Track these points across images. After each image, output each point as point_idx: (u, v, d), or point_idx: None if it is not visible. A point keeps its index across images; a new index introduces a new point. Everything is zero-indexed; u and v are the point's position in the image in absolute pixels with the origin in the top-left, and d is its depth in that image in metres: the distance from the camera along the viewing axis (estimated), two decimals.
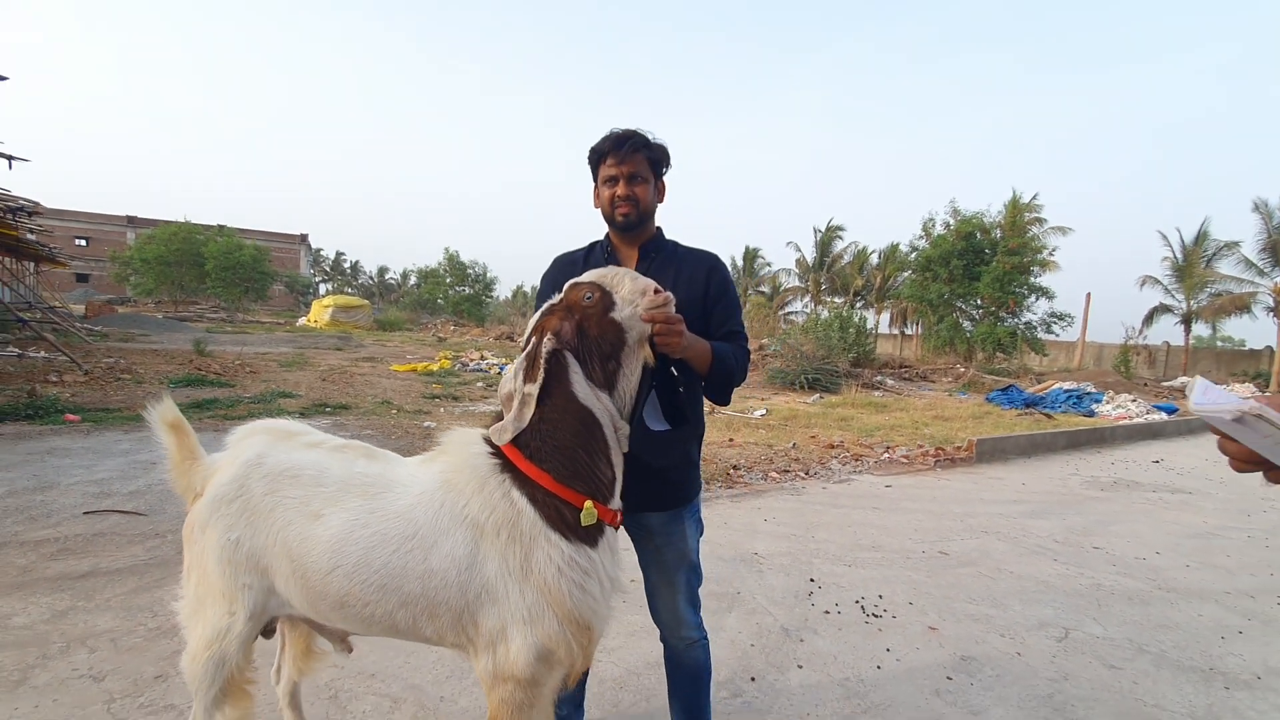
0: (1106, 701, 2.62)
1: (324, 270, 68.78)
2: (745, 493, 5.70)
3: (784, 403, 11.99)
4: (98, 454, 5.54)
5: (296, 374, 11.56)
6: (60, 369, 10.39)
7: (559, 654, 1.46)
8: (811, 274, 42.69)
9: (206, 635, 1.52)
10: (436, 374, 13.43)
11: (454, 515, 1.46)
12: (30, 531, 3.77)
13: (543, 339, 1.50)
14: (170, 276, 34.34)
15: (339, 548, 1.45)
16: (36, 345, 13.34)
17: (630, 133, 1.84)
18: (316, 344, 19.58)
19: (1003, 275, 22.05)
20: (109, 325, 21.20)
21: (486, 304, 38.84)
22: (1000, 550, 4.48)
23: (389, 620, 1.48)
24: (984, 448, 7.92)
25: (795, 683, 2.66)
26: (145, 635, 2.71)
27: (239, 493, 1.52)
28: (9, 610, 2.85)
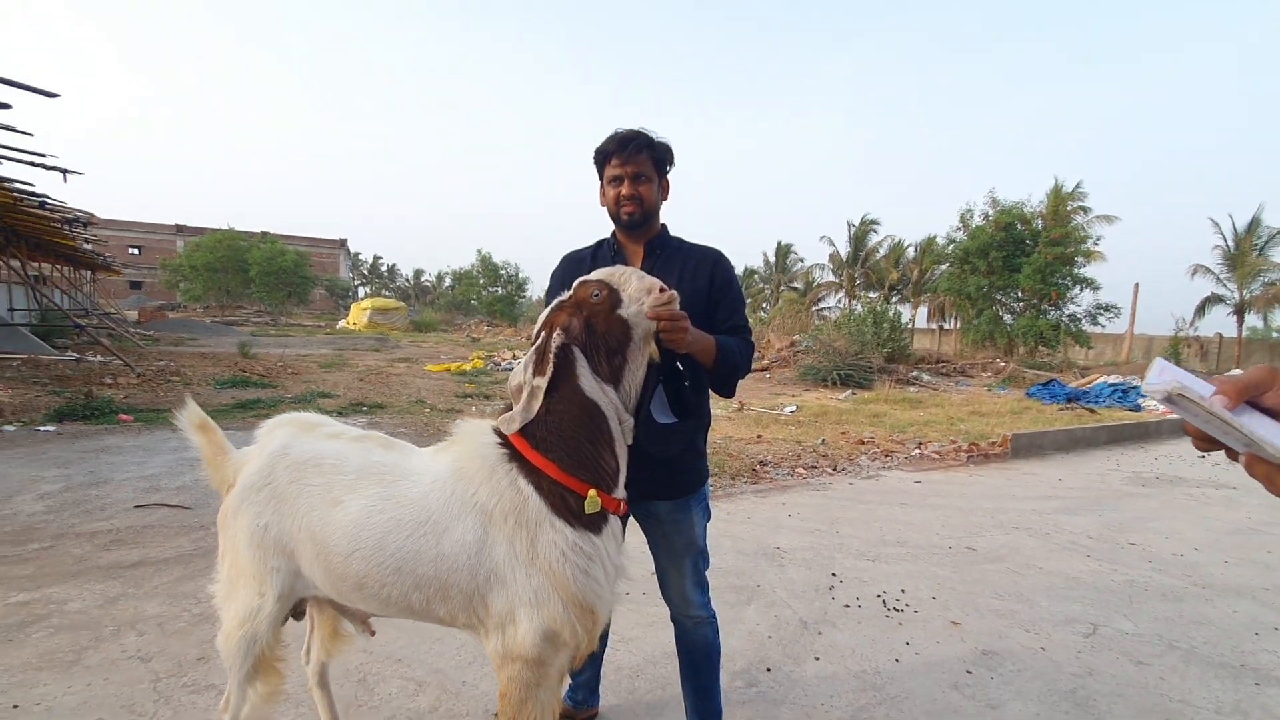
0: (1130, 697, 2.57)
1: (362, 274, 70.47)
2: (770, 488, 5.70)
3: (815, 399, 11.89)
4: (148, 451, 5.82)
5: (335, 375, 11.90)
6: (115, 372, 10.90)
7: (564, 635, 1.52)
8: (845, 269, 42.09)
9: (239, 615, 1.63)
10: (470, 373, 13.68)
11: (464, 502, 1.53)
12: (86, 524, 4.00)
13: (552, 334, 1.56)
14: (217, 282, 35.62)
15: (357, 532, 1.53)
16: (93, 350, 14.01)
17: (634, 133, 1.88)
18: (355, 345, 20.12)
19: (1044, 266, 21.42)
20: (160, 330, 22.11)
21: (519, 304, 39.30)
22: (1030, 546, 4.40)
23: (404, 601, 1.56)
24: (1019, 443, 7.75)
25: (811, 674, 2.68)
26: (189, 620, 2.87)
27: (266, 481, 1.62)
28: (65, 596, 3.05)
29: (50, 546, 3.63)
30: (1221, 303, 26.30)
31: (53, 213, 12.42)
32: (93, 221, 14.42)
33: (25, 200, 10.94)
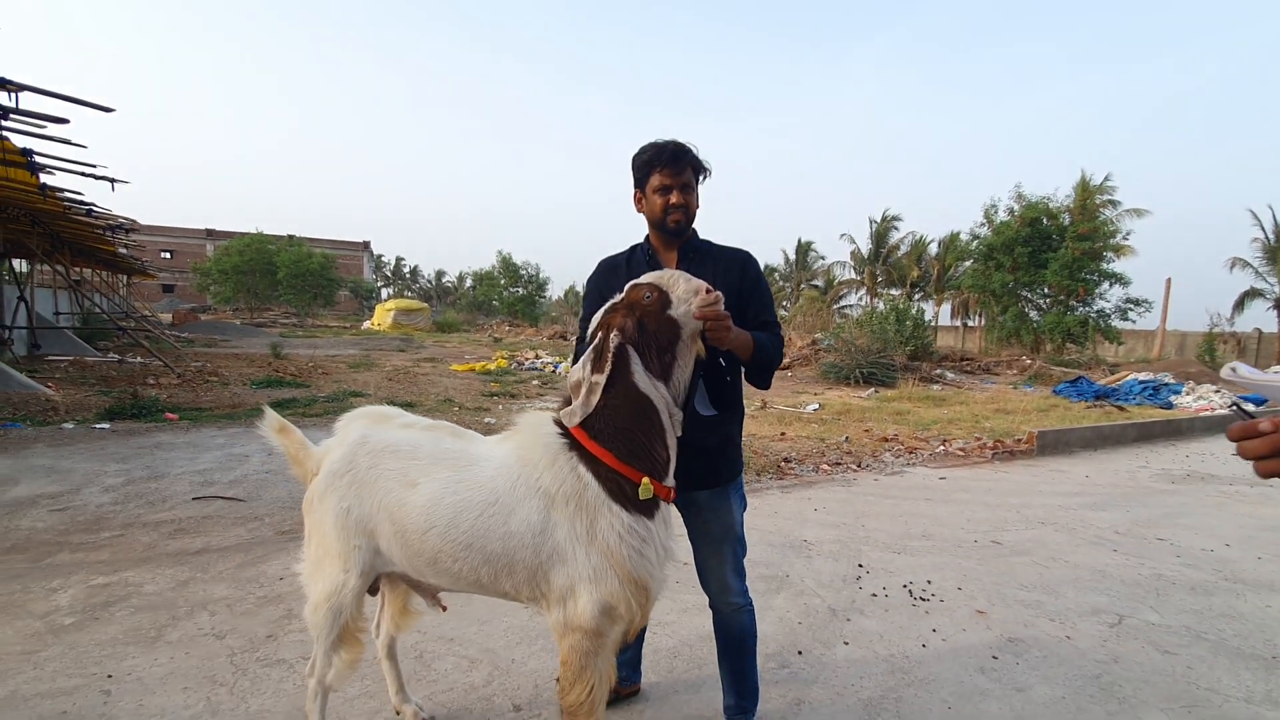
0: (1156, 684, 2.65)
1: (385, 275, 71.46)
2: (795, 484, 5.80)
3: (837, 397, 11.93)
4: (197, 448, 6.09)
5: (364, 374, 12.21)
6: (155, 373, 11.31)
7: (619, 610, 1.67)
8: (867, 266, 41.80)
9: (325, 590, 1.80)
10: (494, 373, 13.92)
11: (529, 486, 1.68)
12: (150, 514, 4.25)
13: (609, 334, 1.69)
14: (245, 285, 36.42)
15: (432, 511, 1.69)
16: (134, 351, 14.50)
17: (682, 147, 1.99)
18: (381, 346, 20.51)
19: (1072, 262, 21.10)
20: (194, 332, 22.73)
21: (539, 304, 39.63)
22: (1056, 540, 4.46)
23: (474, 575, 1.71)
24: (1045, 440, 7.75)
25: (840, 657, 2.80)
26: (255, 602, 3.07)
27: (348, 468, 1.78)
28: (140, 580, 3.27)
29: (121, 534, 3.88)
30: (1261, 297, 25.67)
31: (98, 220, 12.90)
32: (135, 228, 14.92)
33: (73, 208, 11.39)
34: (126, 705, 2.27)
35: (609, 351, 1.67)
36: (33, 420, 7.01)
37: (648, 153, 2.01)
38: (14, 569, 3.36)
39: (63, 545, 3.70)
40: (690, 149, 2.01)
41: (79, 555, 3.57)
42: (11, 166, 7.94)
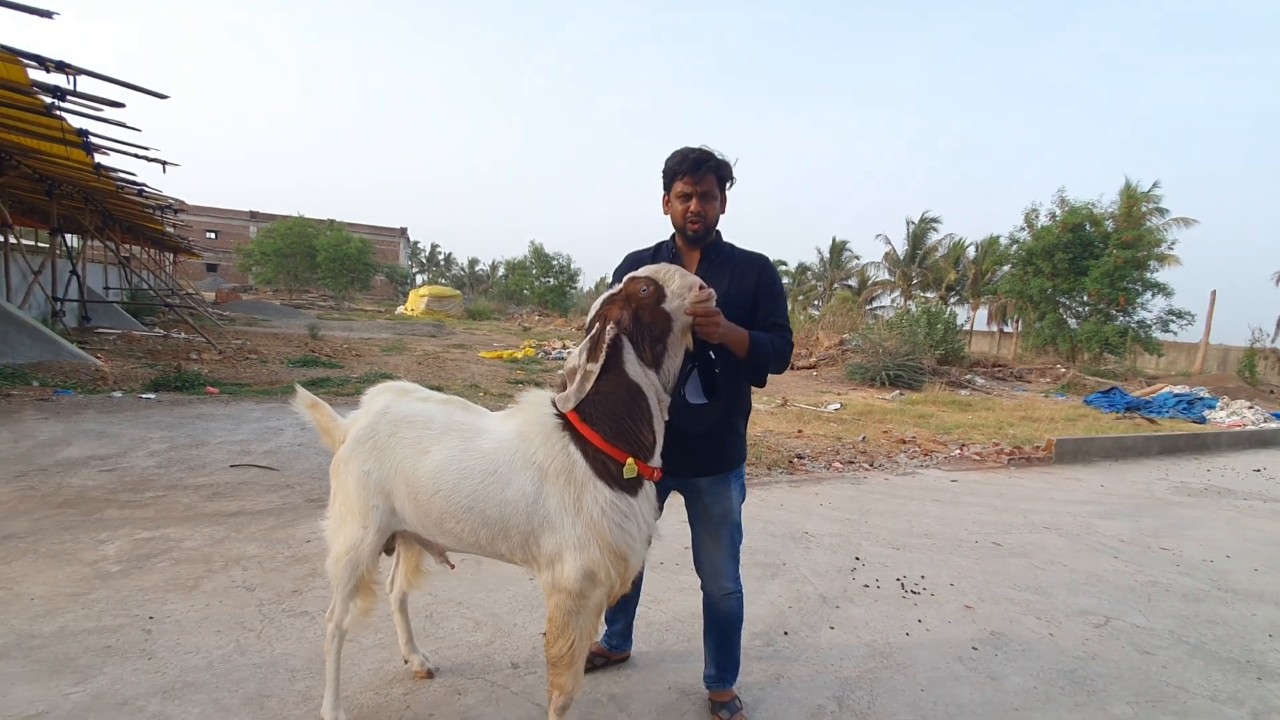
0: (1128, 680, 2.74)
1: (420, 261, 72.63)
2: (805, 479, 5.91)
3: (861, 398, 11.93)
4: (236, 420, 6.44)
5: (396, 358, 12.59)
6: (198, 349, 11.82)
7: (600, 576, 1.83)
8: (901, 267, 41.21)
9: (346, 544, 2.00)
10: (521, 361, 14.21)
11: (525, 459, 1.86)
12: (191, 478, 4.56)
13: (606, 325, 1.84)
14: (286, 267, 37.46)
15: (440, 476, 1.88)
16: (178, 327, 15.12)
17: (704, 155, 2.08)
18: (413, 331, 21.01)
19: (1114, 270, 20.59)
20: (235, 311, 23.52)
21: (570, 294, 39.97)
22: (1057, 545, 4.50)
23: (473, 537, 1.90)
24: (1064, 448, 7.71)
25: (825, 640, 2.94)
26: (283, 561, 3.32)
27: (370, 435, 1.99)
28: (181, 536, 3.56)
29: (164, 495, 4.19)
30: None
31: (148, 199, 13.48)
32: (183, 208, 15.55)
33: (125, 188, 11.94)
34: (165, 643, 2.52)
35: (604, 342, 1.81)
36: (83, 388, 7.46)
37: (673, 160, 2.12)
38: (66, 521, 3.67)
39: (110, 502, 4.01)
40: (713, 157, 2.09)
41: (125, 512, 3.87)
42: (69, 146, 8.40)
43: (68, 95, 6.40)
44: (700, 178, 2.07)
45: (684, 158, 2.09)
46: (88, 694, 2.18)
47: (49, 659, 2.36)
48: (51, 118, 7.19)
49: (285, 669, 2.39)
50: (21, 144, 9.00)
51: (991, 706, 2.49)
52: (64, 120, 7.28)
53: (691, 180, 2.08)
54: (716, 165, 2.09)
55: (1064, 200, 23.27)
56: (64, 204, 12.93)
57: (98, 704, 2.13)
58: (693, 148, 2.11)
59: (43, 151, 9.30)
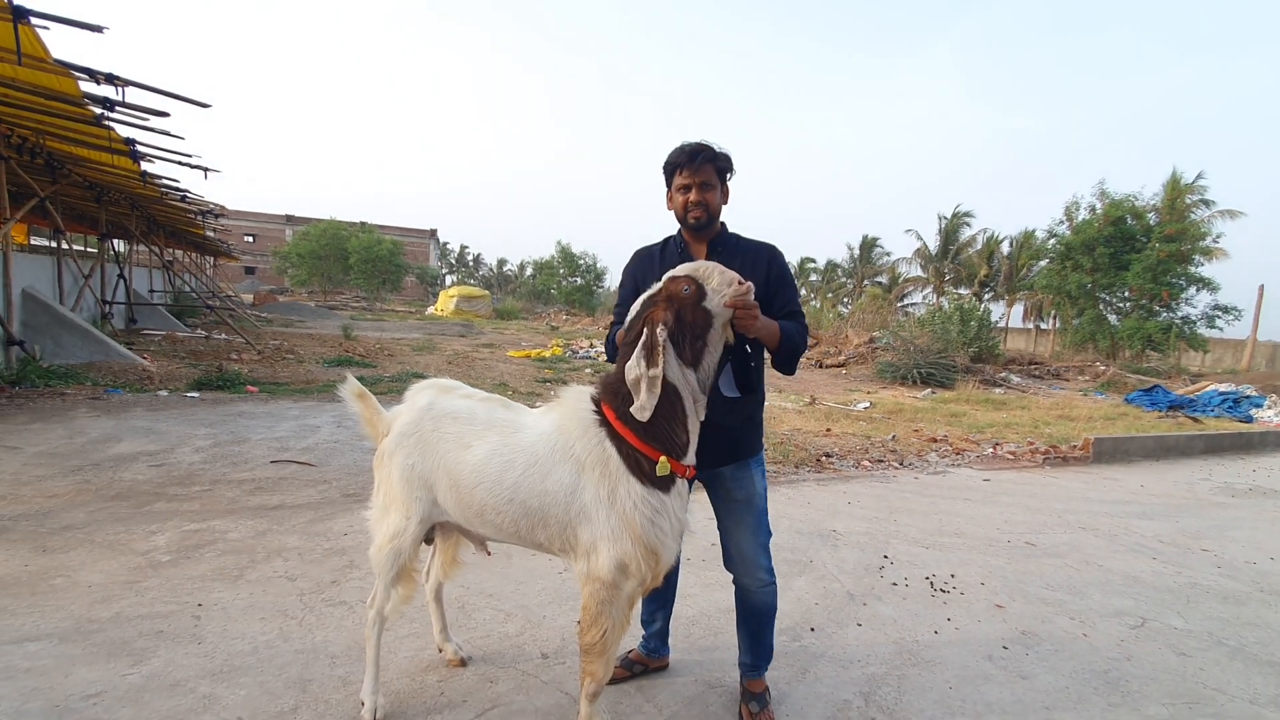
0: (1164, 682, 2.69)
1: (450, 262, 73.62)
2: (833, 478, 5.88)
3: (891, 397, 11.79)
4: (275, 418, 6.65)
5: (426, 357, 12.82)
6: (238, 349, 12.18)
7: (632, 568, 1.87)
8: (934, 263, 40.49)
9: (389, 532, 2.09)
10: (549, 360, 14.34)
11: (564, 452, 1.91)
12: (234, 473, 4.73)
13: (656, 329, 1.83)
14: (320, 269, 38.29)
15: (482, 469, 1.95)
16: (219, 329, 15.60)
17: (700, 146, 2.14)
18: (443, 331, 21.33)
19: (1156, 264, 19.96)
20: (272, 312, 24.14)
21: (597, 293, 40.13)
22: (1094, 545, 4.42)
23: (514, 527, 1.96)
24: (1102, 447, 7.52)
25: (852, 637, 2.94)
26: (322, 553, 3.44)
27: (415, 430, 2.06)
28: (226, 528, 3.70)
29: (209, 489, 4.36)
30: None
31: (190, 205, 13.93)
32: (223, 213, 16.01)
33: (169, 194, 12.37)
34: (213, 628, 2.64)
35: (660, 346, 1.81)
36: (131, 387, 7.76)
37: (671, 155, 2.18)
38: (119, 514, 3.85)
39: (159, 495, 4.19)
40: (710, 148, 2.14)
41: (173, 505, 4.04)
42: (116, 154, 8.75)
43: (116, 106, 6.68)
44: (697, 168, 2.12)
45: (680, 151, 2.15)
46: (142, 676, 2.30)
47: (106, 642, 2.49)
48: (101, 127, 7.51)
49: (326, 655, 2.49)
50: (73, 153, 9.40)
51: (1021, 705, 2.48)
52: (112, 129, 7.59)
53: (689, 171, 2.13)
54: (713, 155, 2.14)
55: (1104, 193, 22.64)
56: (112, 210, 13.45)
57: (151, 685, 2.25)
58: (689, 142, 2.16)
59: (92, 160, 9.70)
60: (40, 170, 9.80)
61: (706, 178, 2.14)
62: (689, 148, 2.15)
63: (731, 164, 2.20)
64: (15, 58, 5.14)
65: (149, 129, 7.54)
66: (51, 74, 5.91)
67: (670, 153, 2.19)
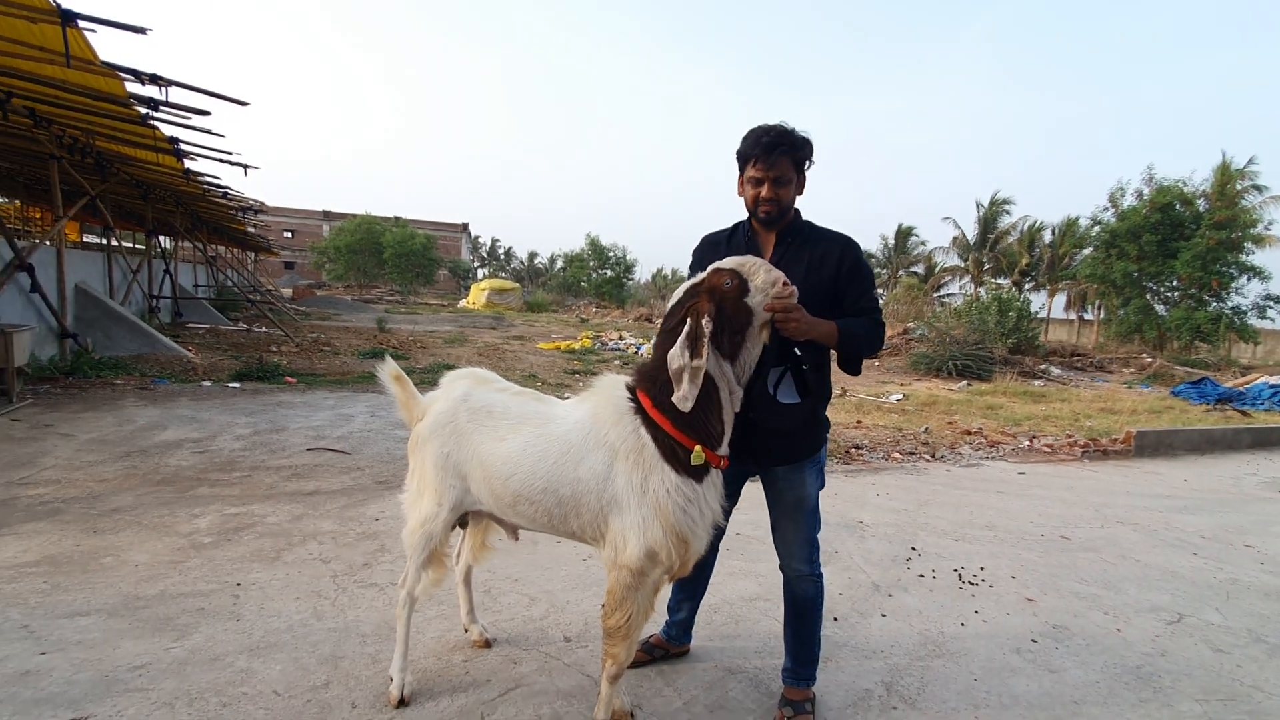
0: (1198, 678, 2.62)
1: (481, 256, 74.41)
2: (862, 469, 5.82)
3: (925, 389, 11.59)
4: (311, 407, 6.84)
5: (457, 349, 13.02)
6: (278, 341, 12.53)
7: (661, 556, 1.88)
8: (972, 252, 39.53)
9: (421, 517, 2.15)
10: (578, 352, 14.44)
11: (598, 440, 1.93)
12: (272, 460, 4.90)
13: (700, 321, 1.83)
14: (356, 263, 39.08)
15: (517, 460, 1.99)
16: (259, 322, 16.06)
17: (778, 138, 1.99)
18: (474, 323, 21.62)
19: (1206, 252, 19.20)
20: (310, 306, 24.74)
21: (626, 286, 40.17)
22: (1131, 540, 4.30)
23: (547, 515, 2.00)
24: (1144, 440, 7.29)
25: (875, 627, 2.93)
26: (355, 537, 3.55)
27: (450, 420, 2.12)
28: (264, 512, 3.84)
29: (249, 475, 4.52)
30: None
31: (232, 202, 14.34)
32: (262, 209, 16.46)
33: (211, 191, 12.75)
34: (251, 607, 2.75)
35: (704, 337, 1.81)
36: (176, 378, 8.06)
37: (746, 141, 2.05)
38: (164, 498, 4.01)
39: (202, 481, 4.36)
40: (788, 138, 2.01)
41: (215, 489, 4.20)
42: (160, 152, 9.05)
43: (160, 105, 6.90)
44: (772, 162, 2.00)
45: (756, 140, 2.01)
46: (185, 650, 2.41)
47: (152, 618, 2.62)
48: (146, 126, 7.78)
49: (357, 634, 2.57)
50: (121, 152, 9.75)
51: (1049, 699, 2.44)
52: (157, 128, 7.86)
53: (763, 165, 2.01)
54: (791, 147, 2.01)
55: (1152, 178, 21.81)
56: (158, 207, 13.92)
57: (193, 659, 2.36)
58: (768, 127, 2.02)
59: (139, 159, 10.04)
60: (90, 169, 10.20)
61: (781, 172, 2.02)
62: (766, 138, 2.01)
63: (812, 152, 2.07)
64: (64, 60, 5.36)
65: (191, 127, 7.77)
66: (99, 75, 6.13)
67: (746, 138, 2.06)
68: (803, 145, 2.04)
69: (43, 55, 5.87)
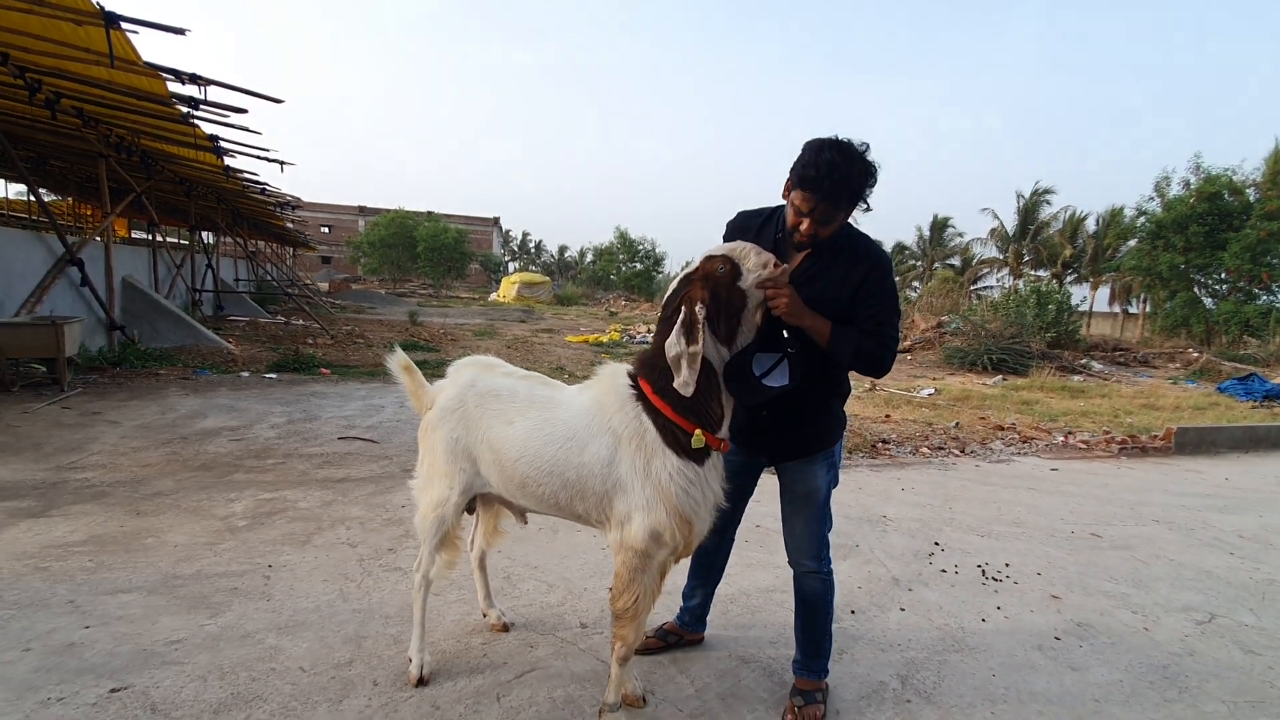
0: (1227, 679, 2.55)
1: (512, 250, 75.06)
2: (888, 464, 5.76)
3: (958, 383, 11.37)
4: (344, 398, 7.02)
5: (487, 342, 13.20)
6: (313, 334, 12.86)
7: (665, 536, 1.92)
8: (1011, 244, 38.53)
9: (433, 501, 2.21)
10: (606, 345, 14.51)
11: (601, 426, 1.97)
12: (305, 448, 5.05)
13: (694, 308, 1.87)
14: (390, 257, 39.79)
15: (524, 443, 2.04)
16: (297, 315, 16.48)
17: (838, 188, 1.84)
18: (504, 316, 21.87)
19: (1256, 243, 18.41)
20: (346, 299, 25.31)
21: (656, 279, 40.17)
22: (1166, 538, 4.18)
23: (554, 498, 2.05)
24: (1185, 437, 7.06)
25: (893, 621, 2.91)
26: (381, 523, 3.65)
27: (459, 406, 2.17)
28: (296, 497, 3.98)
29: (282, 462, 4.67)
30: None
31: (270, 198, 14.72)
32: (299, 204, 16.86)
33: (250, 187, 13.11)
34: (281, 587, 2.86)
35: (699, 324, 1.85)
36: (217, 369, 8.34)
37: (806, 165, 1.87)
38: (203, 482, 4.18)
39: (238, 467, 4.52)
40: (847, 189, 1.86)
41: (250, 475, 4.36)
42: (200, 150, 9.34)
43: (200, 104, 7.13)
44: (828, 205, 1.87)
45: (817, 174, 1.83)
46: (218, 626, 2.52)
47: (188, 596, 2.74)
48: (187, 125, 8.04)
49: (380, 615, 2.66)
50: (164, 150, 10.09)
51: (1069, 697, 2.40)
52: (197, 127, 8.12)
53: (811, 200, 1.87)
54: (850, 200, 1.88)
55: (1200, 167, 20.96)
56: (200, 204, 14.37)
57: (226, 635, 2.46)
58: (830, 157, 1.82)
59: (181, 156, 10.38)
60: (136, 167, 10.57)
61: (829, 214, 1.90)
62: (829, 181, 1.83)
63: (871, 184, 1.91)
64: (109, 60, 5.57)
65: (229, 125, 8.01)
66: (141, 75, 6.36)
67: (806, 152, 1.88)
68: (859, 195, 1.90)
69: (88, 57, 6.11)
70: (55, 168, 13.51)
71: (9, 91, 7.37)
